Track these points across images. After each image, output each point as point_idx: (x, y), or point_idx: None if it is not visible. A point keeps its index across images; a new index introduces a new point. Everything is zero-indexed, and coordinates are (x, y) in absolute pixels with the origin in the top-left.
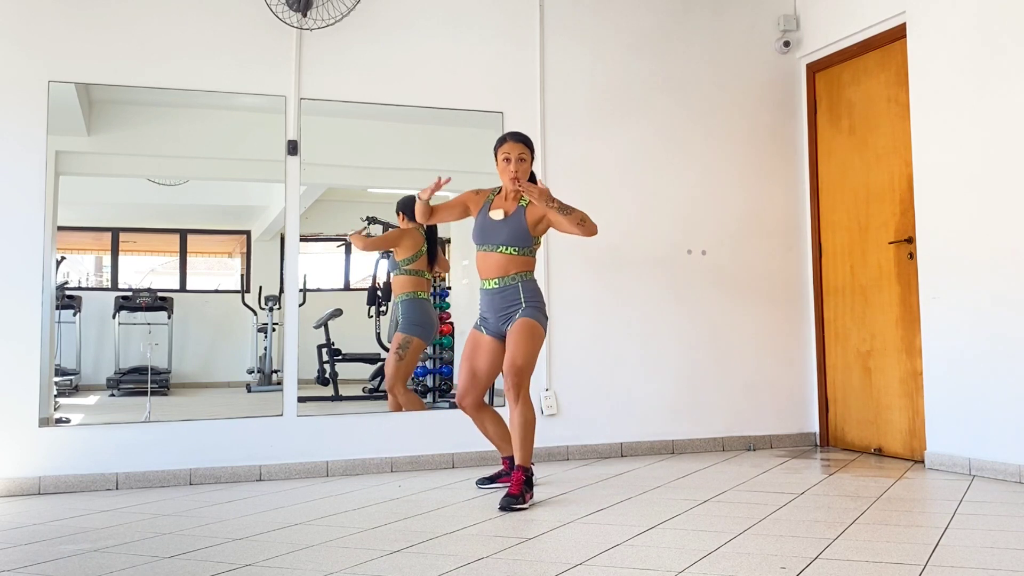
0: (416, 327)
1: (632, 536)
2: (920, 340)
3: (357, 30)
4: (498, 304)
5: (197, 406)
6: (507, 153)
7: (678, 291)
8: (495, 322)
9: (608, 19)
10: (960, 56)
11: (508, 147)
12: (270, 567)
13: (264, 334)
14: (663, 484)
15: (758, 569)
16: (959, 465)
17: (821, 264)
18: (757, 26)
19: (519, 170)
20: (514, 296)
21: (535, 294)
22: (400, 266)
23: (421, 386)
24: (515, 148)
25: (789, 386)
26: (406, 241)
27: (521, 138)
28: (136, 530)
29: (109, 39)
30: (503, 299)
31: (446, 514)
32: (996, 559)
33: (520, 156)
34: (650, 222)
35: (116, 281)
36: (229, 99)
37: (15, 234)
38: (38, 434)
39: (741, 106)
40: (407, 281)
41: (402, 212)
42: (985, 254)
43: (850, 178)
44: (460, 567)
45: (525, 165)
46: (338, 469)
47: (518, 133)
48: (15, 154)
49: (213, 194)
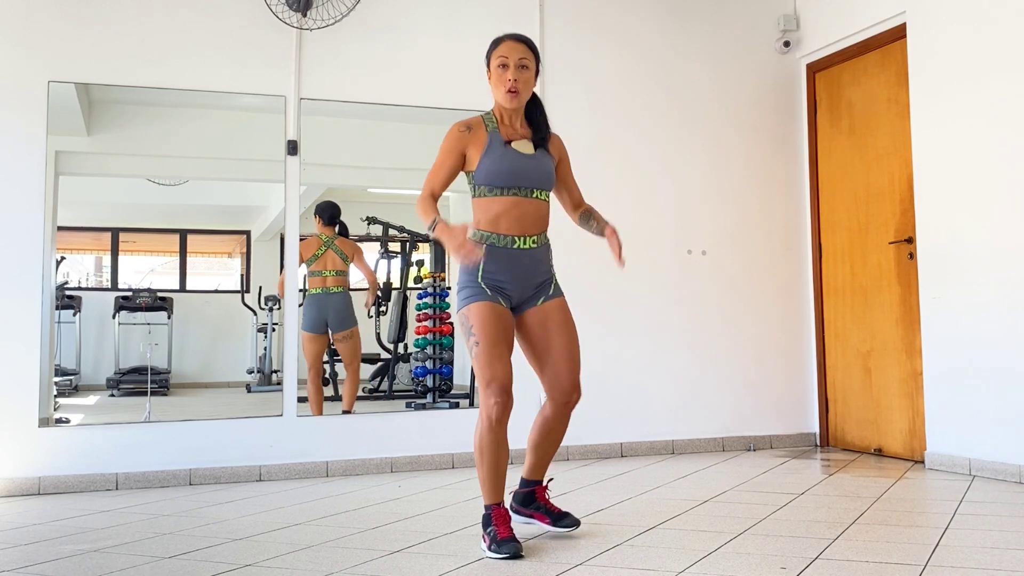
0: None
1: (632, 536)
2: (920, 340)
3: (357, 30)
4: (530, 270)
5: (197, 406)
6: (503, 57)
7: (678, 291)
8: (520, 292)
9: (608, 19)
10: (960, 56)
11: (505, 48)
12: (270, 567)
13: (264, 334)
14: (663, 484)
15: (758, 569)
16: (959, 465)
17: (821, 264)
18: (757, 26)
19: (520, 80)
20: (547, 260)
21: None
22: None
23: (421, 386)
24: (515, 50)
25: (789, 386)
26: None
27: (522, 39)
28: (136, 530)
29: (109, 39)
30: (538, 264)
31: (446, 514)
32: (996, 559)
33: (522, 62)
34: (650, 222)
35: (116, 281)
36: (229, 99)
37: (15, 234)
38: (38, 434)
39: (741, 106)
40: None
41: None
42: (985, 254)
43: (850, 178)
44: (460, 567)
45: (527, 74)
46: (338, 469)
47: (518, 34)
48: (15, 154)
49: (213, 194)
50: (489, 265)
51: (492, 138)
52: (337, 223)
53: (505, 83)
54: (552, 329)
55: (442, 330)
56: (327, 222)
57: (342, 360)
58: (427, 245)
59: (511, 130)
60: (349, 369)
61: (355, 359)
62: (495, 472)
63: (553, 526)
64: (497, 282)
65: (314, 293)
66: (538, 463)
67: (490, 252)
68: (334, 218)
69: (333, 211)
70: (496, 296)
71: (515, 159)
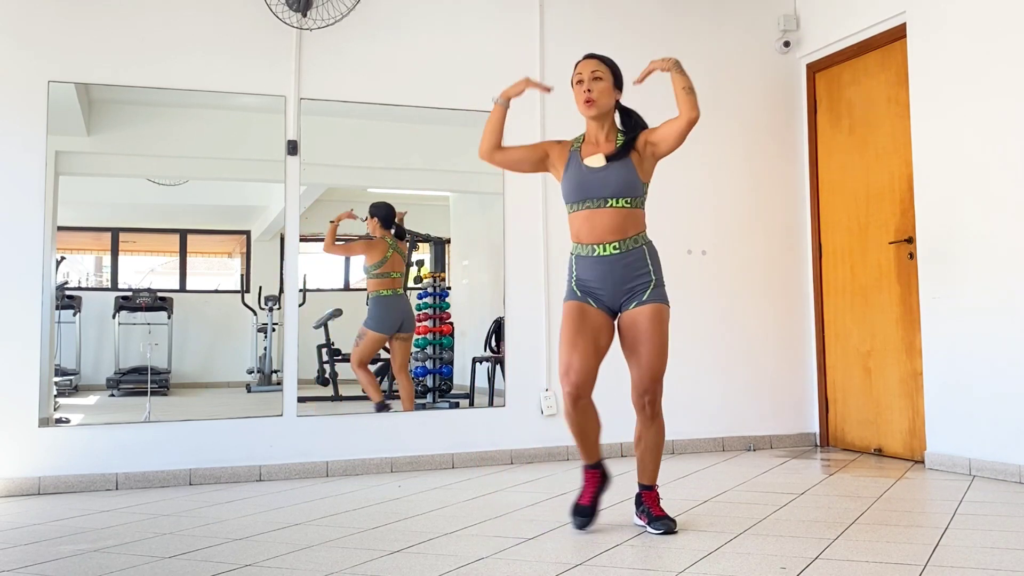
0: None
1: (632, 536)
2: (920, 340)
3: (357, 30)
4: (620, 274)
5: (197, 406)
6: (579, 74)
7: (678, 291)
8: (612, 295)
9: (608, 18)
10: (960, 56)
11: (580, 67)
12: (270, 567)
13: (264, 334)
14: (663, 484)
15: (758, 569)
16: (959, 465)
17: (821, 264)
18: (757, 26)
19: (595, 90)
20: (641, 264)
21: (659, 261)
22: (369, 271)
23: (421, 386)
24: (588, 66)
25: (789, 386)
26: (372, 250)
27: (594, 55)
28: (136, 530)
29: (109, 39)
30: (628, 268)
31: (446, 514)
32: (996, 559)
33: (595, 74)
34: (650, 221)
35: (116, 281)
36: (229, 99)
37: (15, 234)
38: (38, 434)
39: (741, 106)
40: (371, 283)
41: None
42: (985, 253)
43: (850, 178)
44: (460, 567)
45: (602, 84)
46: (338, 469)
47: (591, 52)
48: (15, 154)
49: (213, 194)
50: (579, 272)
51: (572, 156)
52: (393, 225)
53: (582, 95)
54: (637, 335)
55: (442, 330)
56: (386, 224)
57: (396, 359)
58: (427, 245)
59: (594, 147)
60: (405, 369)
61: (408, 358)
62: (582, 439)
63: (647, 527)
64: (587, 286)
65: (385, 295)
66: (640, 467)
67: (578, 260)
68: (390, 219)
69: (390, 212)
70: (585, 298)
71: (584, 174)
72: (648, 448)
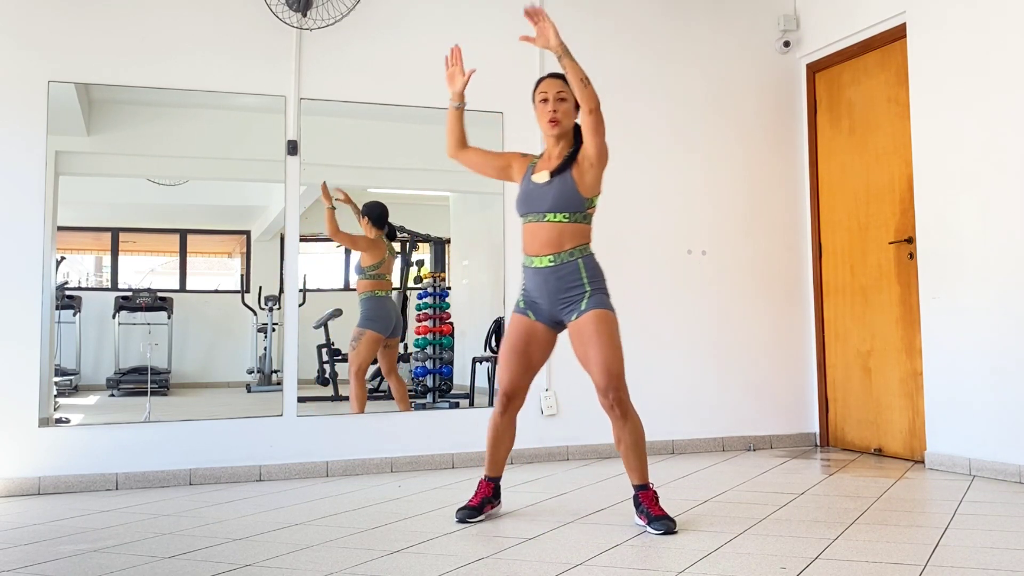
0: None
1: (632, 536)
2: (920, 340)
3: (357, 30)
4: (554, 286)
5: (197, 406)
6: (544, 92)
7: (678, 291)
8: (549, 308)
9: (608, 19)
10: (960, 56)
11: (545, 85)
12: (270, 567)
13: (264, 334)
14: (663, 484)
15: (758, 569)
16: (959, 465)
17: (821, 264)
18: (757, 26)
19: (559, 110)
20: (574, 277)
21: (598, 272)
22: (365, 272)
23: (421, 386)
24: (553, 86)
25: (789, 386)
26: (372, 250)
27: (558, 75)
28: (136, 530)
29: (109, 39)
30: (560, 280)
31: (446, 514)
32: (996, 559)
33: (560, 95)
34: (650, 222)
35: (116, 281)
36: (229, 99)
37: (15, 234)
38: (38, 434)
39: (741, 106)
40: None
41: (367, 217)
42: (985, 254)
43: (850, 178)
44: (460, 567)
45: (566, 105)
46: (338, 469)
47: (555, 71)
48: (15, 154)
49: (213, 194)
50: (525, 282)
51: (528, 170)
52: (386, 225)
53: (547, 115)
54: (584, 341)
55: (442, 330)
56: (379, 224)
57: (384, 365)
58: (427, 245)
59: (546, 162)
60: (395, 371)
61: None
62: (493, 449)
63: (647, 527)
64: (529, 296)
65: (381, 296)
66: (627, 468)
67: (524, 271)
68: (383, 219)
69: (383, 212)
70: (527, 310)
71: (529, 189)
72: (628, 447)
